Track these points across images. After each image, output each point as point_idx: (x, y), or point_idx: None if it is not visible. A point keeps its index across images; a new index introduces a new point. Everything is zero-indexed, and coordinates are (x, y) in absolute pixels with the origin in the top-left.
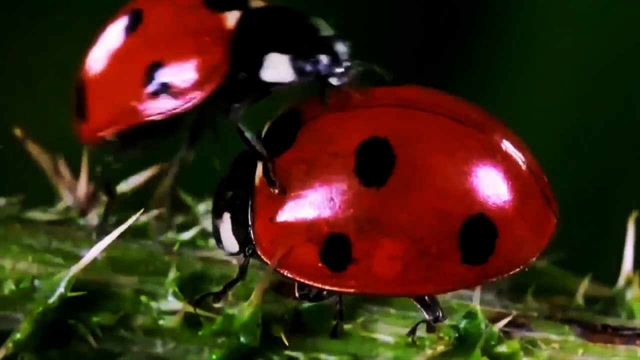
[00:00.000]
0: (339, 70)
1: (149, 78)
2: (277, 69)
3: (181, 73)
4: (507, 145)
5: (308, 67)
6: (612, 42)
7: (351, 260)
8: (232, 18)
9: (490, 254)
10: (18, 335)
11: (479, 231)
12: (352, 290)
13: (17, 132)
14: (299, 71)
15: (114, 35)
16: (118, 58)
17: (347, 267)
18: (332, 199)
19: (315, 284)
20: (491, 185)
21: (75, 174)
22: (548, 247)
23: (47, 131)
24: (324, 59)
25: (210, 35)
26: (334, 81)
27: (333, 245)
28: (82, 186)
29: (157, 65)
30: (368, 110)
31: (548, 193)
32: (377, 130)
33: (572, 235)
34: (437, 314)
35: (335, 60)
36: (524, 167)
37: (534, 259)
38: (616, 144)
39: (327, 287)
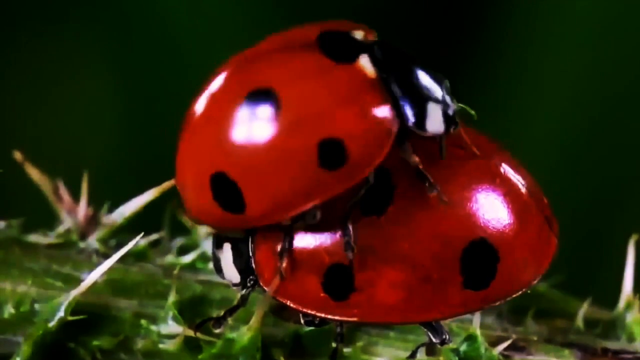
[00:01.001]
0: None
1: (323, 156)
2: (435, 119)
3: (356, 142)
4: (506, 169)
5: (453, 116)
6: (615, 44)
7: (353, 289)
8: (367, 65)
9: (492, 279)
10: (18, 359)
11: (480, 256)
12: (355, 319)
13: (17, 155)
14: (447, 121)
15: (252, 120)
16: (275, 145)
17: (350, 296)
18: (332, 229)
19: (318, 314)
20: (491, 210)
21: (75, 195)
22: (549, 270)
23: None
24: (453, 105)
25: (366, 93)
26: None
27: (335, 275)
28: (82, 209)
29: (327, 143)
30: None
31: (548, 214)
32: None
33: (572, 258)
34: (444, 336)
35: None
36: (523, 189)
37: (536, 281)
38: (619, 159)
39: (329, 317)
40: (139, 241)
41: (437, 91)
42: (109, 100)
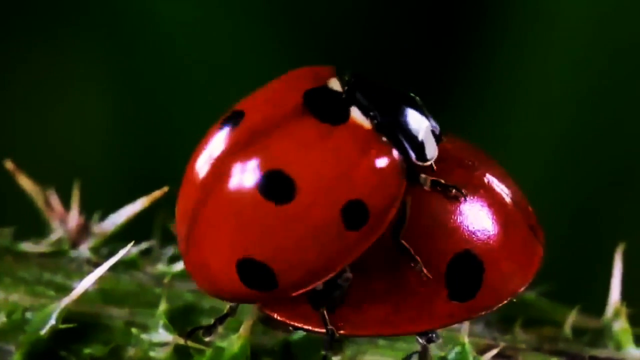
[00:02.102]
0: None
1: (348, 220)
2: (431, 145)
3: (375, 197)
4: (489, 179)
5: (440, 134)
6: (609, 45)
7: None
8: (361, 118)
9: (478, 290)
10: None
11: (465, 268)
12: (342, 332)
13: (9, 165)
14: (437, 141)
15: (271, 205)
16: (299, 223)
17: (336, 311)
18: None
19: (306, 327)
20: (475, 222)
21: (67, 203)
22: (537, 279)
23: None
24: (435, 123)
25: (370, 147)
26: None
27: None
28: (74, 218)
29: (349, 207)
30: None
31: (533, 223)
32: None
33: (561, 266)
34: (430, 335)
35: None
36: (507, 199)
37: (522, 290)
38: (609, 167)
39: (316, 330)
40: (130, 250)
41: (422, 117)
42: (101, 109)
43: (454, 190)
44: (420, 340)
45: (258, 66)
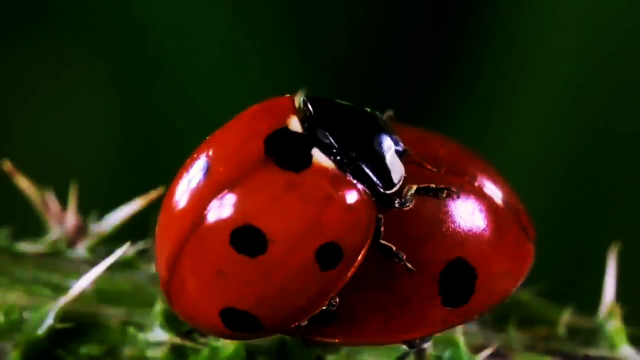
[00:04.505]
0: None
1: (323, 261)
2: (396, 167)
3: (347, 235)
4: (479, 181)
5: (404, 150)
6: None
7: (333, 316)
8: (323, 160)
9: (471, 294)
10: None
11: (458, 275)
12: (337, 341)
13: (7, 165)
14: (402, 156)
15: (245, 259)
16: (275, 273)
17: (330, 323)
18: None
19: (300, 338)
20: (467, 228)
21: (63, 203)
22: (531, 278)
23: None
24: (397, 138)
25: (336, 189)
26: None
27: None
28: (71, 218)
29: (322, 249)
30: None
31: (525, 222)
32: None
33: (556, 266)
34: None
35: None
36: (498, 201)
37: (515, 290)
38: (604, 167)
39: (311, 340)
40: (126, 250)
41: (385, 140)
42: (98, 110)
43: (445, 192)
44: (405, 347)
45: (257, 69)
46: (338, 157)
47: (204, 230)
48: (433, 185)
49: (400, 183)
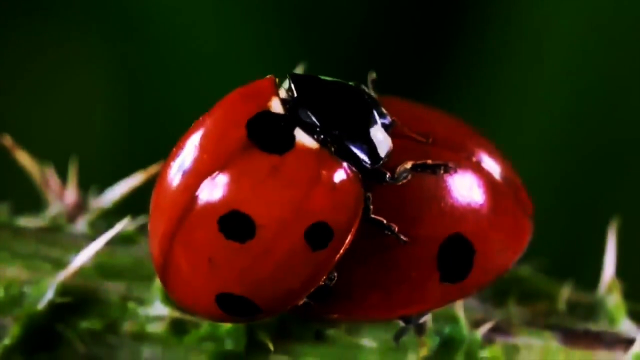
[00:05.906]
0: None
1: (313, 242)
2: (382, 141)
3: (336, 215)
4: (478, 157)
5: (391, 122)
6: (602, 48)
7: (332, 292)
8: (306, 140)
9: (469, 270)
10: (7, 341)
11: (456, 251)
12: (336, 316)
13: (7, 141)
14: (387, 129)
15: (235, 244)
16: (267, 256)
17: (329, 299)
18: None
19: (298, 313)
20: (465, 203)
21: (64, 178)
22: (531, 254)
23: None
24: (382, 109)
25: (321, 169)
26: None
27: None
28: (71, 193)
29: (311, 230)
30: None
31: (523, 197)
32: None
33: (557, 241)
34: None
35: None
36: (496, 176)
37: (512, 265)
38: (605, 144)
39: (311, 315)
40: (126, 225)
41: (370, 114)
42: (98, 88)
43: (442, 168)
44: (402, 323)
45: (257, 57)
46: (321, 136)
47: (192, 220)
48: (430, 162)
49: (388, 156)
